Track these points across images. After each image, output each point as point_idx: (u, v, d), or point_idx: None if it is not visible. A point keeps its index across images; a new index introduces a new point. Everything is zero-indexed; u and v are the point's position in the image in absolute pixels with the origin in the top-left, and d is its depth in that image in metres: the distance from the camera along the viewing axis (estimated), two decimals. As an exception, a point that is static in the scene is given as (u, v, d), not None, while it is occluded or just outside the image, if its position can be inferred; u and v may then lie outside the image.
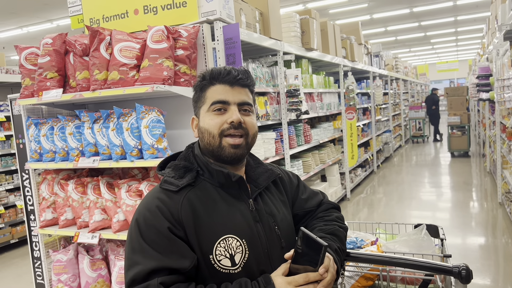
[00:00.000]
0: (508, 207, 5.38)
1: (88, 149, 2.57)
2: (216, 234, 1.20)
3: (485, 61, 7.86)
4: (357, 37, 7.79)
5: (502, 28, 4.05)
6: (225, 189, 1.28)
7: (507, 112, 5.10)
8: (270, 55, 4.10)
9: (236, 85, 1.29)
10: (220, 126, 1.25)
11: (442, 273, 1.31)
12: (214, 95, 1.27)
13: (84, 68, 2.54)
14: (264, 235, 1.27)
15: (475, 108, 12.80)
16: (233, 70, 1.29)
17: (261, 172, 1.38)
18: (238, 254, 1.20)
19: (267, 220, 1.30)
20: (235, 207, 1.26)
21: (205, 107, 1.29)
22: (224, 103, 1.26)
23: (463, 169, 9.07)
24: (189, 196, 1.23)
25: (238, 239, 1.21)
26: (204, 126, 1.28)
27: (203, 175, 1.29)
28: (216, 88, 1.28)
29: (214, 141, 1.26)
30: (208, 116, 1.28)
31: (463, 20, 16.73)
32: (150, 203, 1.21)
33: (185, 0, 2.69)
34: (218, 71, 1.29)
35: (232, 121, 1.24)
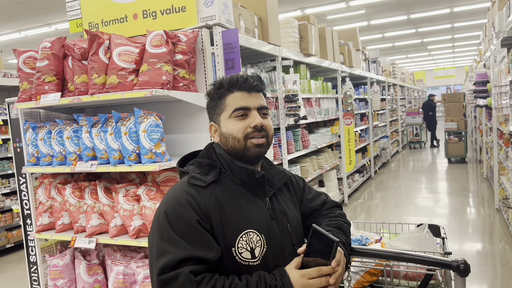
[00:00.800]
0: (505, 213, 5.39)
1: (86, 153, 2.56)
2: (238, 228, 1.28)
3: (482, 67, 7.91)
4: (355, 43, 7.82)
5: (500, 35, 4.07)
6: (245, 187, 1.36)
7: (504, 119, 5.12)
8: (268, 60, 4.11)
9: (253, 91, 1.38)
10: (244, 130, 1.34)
11: (442, 267, 1.40)
12: (235, 102, 1.35)
13: (83, 72, 2.53)
14: (279, 231, 1.36)
15: (472, 114, 12.85)
16: (249, 78, 1.38)
17: (274, 173, 1.48)
18: (257, 248, 1.29)
19: (281, 218, 1.39)
20: (254, 204, 1.35)
21: (226, 113, 1.37)
22: (245, 109, 1.35)
23: (460, 175, 9.09)
24: (215, 191, 1.30)
25: (258, 234, 1.30)
26: (228, 131, 1.36)
27: (225, 173, 1.36)
28: (235, 95, 1.36)
29: (239, 144, 1.34)
30: (231, 122, 1.35)
31: (460, 27, 16.85)
32: (179, 196, 1.27)
33: (184, 5, 2.70)
34: (235, 79, 1.37)
35: (256, 125, 1.33)
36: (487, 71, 7.24)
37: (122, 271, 2.55)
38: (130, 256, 2.68)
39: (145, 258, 2.60)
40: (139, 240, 2.46)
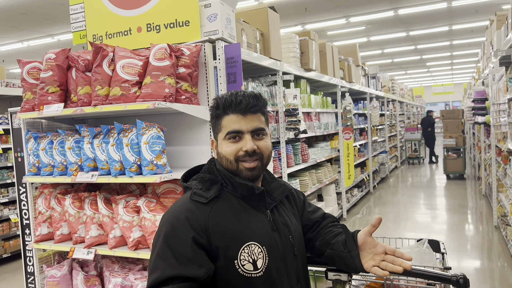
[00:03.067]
0: (504, 230, 5.38)
1: (87, 164, 2.57)
2: (240, 241, 1.30)
3: (480, 85, 7.98)
4: (355, 59, 7.90)
5: (498, 53, 4.13)
6: (246, 201, 1.39)
7: (503, 136, 5.16)
8: (269, 75, 4.15)
9: (248, 113, 1.37)
10: (236, 153, 1.36)
11: (442, 281, 1.41)
12: (228, 124, 1.37)
13: (86, 83, 2.56)
14: (281, 243, 1.39)
15: (470, 131, 12.91)
16: (244, 99, 1.36)
17: (275, 186, 1.50)
18: (259, 260, 1.31)
19: (283, 230, 1.42)
20: (256, 217, 1.38)
21: (221, 134, 1.39)
22: (238, 132, 1.36)
23: (458, 192, 9.09)
24: (216, 206, 1.33)
25: (259, 246, 1.32)
26: (222, 152, 1.39)
27: (226, 187, 1.39)
28: (230, 117, 1.37)
29: (231, 166, 1.38)
30: (224, 144, 1.38)
31: (458, 44, 17.04)
32: (179, 213, 1.30)
33: (188, 20, 2.74)
34: (229, 101, 1.37)
35: (246, 150, 1.35)
36: (485, 89, 7.31)
37: (120, 283, 2.53)
38: (129, 268, 2.67)
39: (143, 270, 2.60)
40: (138, 252, 2.45)
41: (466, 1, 10.64)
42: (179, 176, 2.42)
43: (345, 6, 10.67)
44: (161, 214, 2.42)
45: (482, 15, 11.92)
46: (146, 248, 2.48)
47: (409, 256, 1.35)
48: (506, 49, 3.97)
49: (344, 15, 11.59)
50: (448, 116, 11.39)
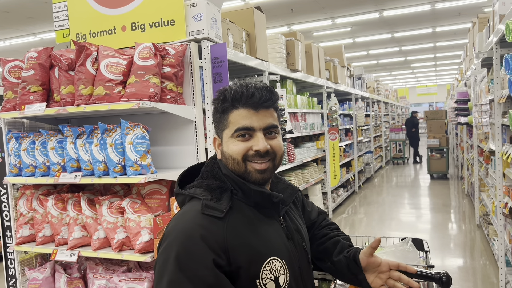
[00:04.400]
0: (486, 229, 5.47)
1: (70, 164, 2.53)
2: (261, 257, 1.14)
3: (463, 86, 8.11)
4: (340, 60, 7.95)
5: (480, 55, 4.20)
6: (258, 209, 1.22)
7: (484, 136, 5.25)
8: (256, 75, 4.15)
9: (260, 108, 1.19)
10: (245, 153, 1.19)
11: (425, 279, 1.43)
12: (238, 120, 1.18)
13: (69, 82, 2.52)
14: (296, 252, 1.26)
15: (453, 132, 13.12)
16: (256, 92, 1.18)
17: (283, 188, 1.35)
18: (281, 276, 1.16)
19: (296, 237, 1.29)
20: (271, 227, 1.22)
21: (228, 131, 1.21)
22: (249, 129, 1.18)
23: (442, 191, 9.23)
24: (231, 220, 1.14)
25: (280, 260, 1.17)
26: (228, 152, 1.21)
27: (236, 195, 1.21)
28: (239, 112, 1.19)
29: (239, 167, 1.20)
30: (232, 142, 1.20)
31: (442, 46, 17.32)
32: (191, 230, 1.08)
33: (173, 19, 2.72)
34: (240, 93, 1.18)
35: (258, 150, 1.18)
36: (468, 90, 7.43)
37: (104, 285, 2.50)
38: (113, 270, 2.63)
39: (128, 272, 2.57)
40: (123, 253, 2.42)
41: (449, 4, 10.82)
42: (164, 177, 2.42)
43: (330, 7, 10.75)
44: (146, 215, 2.40)
45: (465, 18, 12.14)
46: (131, 250, 2.45)
47: (413, 269, 1.31)
48: (487, 51, 4.04)
49: (329, 16, 11.67)
50: (432, 116, 11.56)
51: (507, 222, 3.66)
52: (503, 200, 3.71)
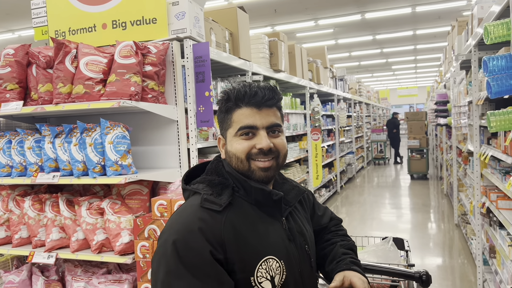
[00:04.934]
0: (464, 228, 5.58)
1: (48, 164, 2.47)
2: (257, 255, 1.16)
3: (442, 88, 8.26)
4: (323, 61, 8.01)
5: (459, 58, 4.28)
6: (260, 207, 1.23)
7: (463, 137, 5.36)
8: (239, 75, 4.13)
9: (263, 107, 1.22)
10: (248, 151, 1.21)
11: (406, 278, 1.47)
12: (241, 119, 1.21)
13: (48, 80, 2.46)
14: (297, 254, 1.26)
15: (433, 133, 13.36)
16: (259, 91, 1.21)
17: (288, 189, 1.35)
18: (277, 276, 1.17)
19: (299, 239, 1.29)
20: (271, 226, 1.23)
21: (232, 130, 1.23)
22: (252, 127, 1.21)
23: (422, 191, 9.38)
24: (230, 215, 1.17)
25: (277, 260, 1.19)
26: (232, 150, 1.23)
27: (238, 192, 1.23)
28: (242, 111, 1.21)
29: (243, 166, 1.22)
30: (235, 141, 1.22)
31: (422, 48, 17.62)
32: (190, 223, 1.12)
33: (155, 17, 2.69)
34: (243, 92, 1.21)
35: (261, 148, 1.20)
36: (447, 92, 7.58)
37: (83, 287, 2.45)
38: (92, 272, 2.58)
39: (107, 274, 2.52)
40: (102, 255, 2.38)
41: (429, 7, 11.01)
42: (145, 177, 2.38)
43: (314, 8, 10.81)
44: (126, 216, 2.36)
45: (444, 21, 12.37)
46: (110, 251, 2.41)
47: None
48: (466, 53, 4.12)
49: (313, 18, 11.74)
50: (412, 118, 11.74)
51: (484, 221, 3.74)
52: (481, 200, 3.78)
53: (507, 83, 2.07)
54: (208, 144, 3.00)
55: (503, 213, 2.85)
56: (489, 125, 2.32)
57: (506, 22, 2.07)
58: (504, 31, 2.05)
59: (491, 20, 2.77)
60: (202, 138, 2.97)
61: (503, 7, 2.51)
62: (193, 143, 2.70)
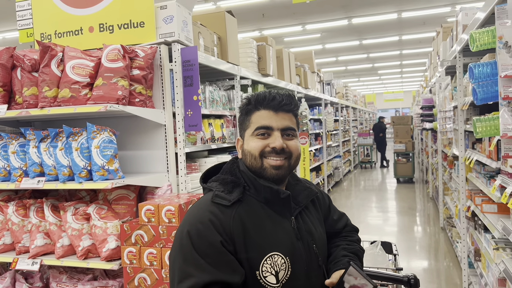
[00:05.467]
0: (449, 231, 5.65)
1: (32, 169, 2.43)
2: (263, 250, 1.23)
3: (428, 93, 8.38)
4: (311, 65, 8.05)
5: (444, 63, 4.35)
6: (269, 206, 1.30)
7: (448, 142, 5.43)
8: (227, 79, 4.12)
9: (280, 111, 1.31)
10: (262, 149, 1.29)
11: (394, 282, 1.49)
12: (258, 120, 1.31)
13: (33, 84, 2.42)
14: (304, 253, 1.31)
15: (418, 137, 13.52)
16: (277, 96, 1.32)
17: (300, 189, 1.42)
18: (281, 271, 1.24)
19: (307, 238, 1.34)
20: (279, 224, 1.30)
21: (249, 130, 1.33)
22: (267, 128, 1.30)
23: (408, 195, 9.48)
24: (239, 211, 1.25)
25: (283, 257, 1.25)
26: (248, 148, 1.32)
27: (249, 191, 1.31)
28: (261, 113, 1.32)
29: (256, 162, 1.30)
30: (252, 140, 1.32)
31: (408, 54, 17.86)
32: (202, 216, 1.22)
33: (143, 21, 2.67)
34: (263, 97, 1.32)
35: (274, 147, 1.28)
36: (432, 97, 7.68)
37: (68, 295, 2.41)
38: (77, 278, 2.54)
39: (93, 280, 2.48)
40: (88, 261, 2.34)
41: (414, 13, 11.18)
42: (132, 182, 2.36)
43: (301, 13, 10.88)
44: (112, 221, 2.33)
45: (429, 27, 12.56)
46: (96, 257, 2.37)
47: None
48: (451, 59, 4.18)
49: (300, 22, 11.81)
50: (398, 122, 11.88)
51: (469, 225, 3.79)
52: (466, 203, 3.84)
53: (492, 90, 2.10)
54: (196, 149, 2.98)
55: (487, 217, 2.89)
56: (475, 131, 2.36)
57: (491, 30, 2.11)
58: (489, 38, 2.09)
59: (476, 27, 2.81)
60: (190, 142, 2.95)
61: (487, 14, 2.56)
62: (181, 148, 2.68)
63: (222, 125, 3.61)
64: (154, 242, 2.14)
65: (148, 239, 2.15)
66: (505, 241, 2.72)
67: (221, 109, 3.66)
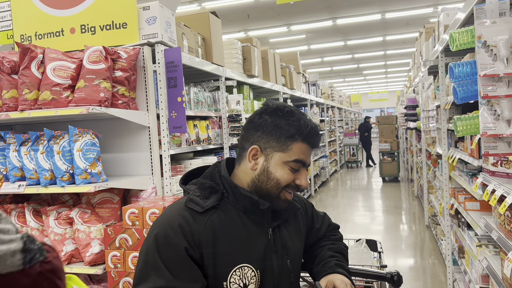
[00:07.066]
0: (434, 229, 5.72)
1: (13, 173, 2.38)
2: (233, 261, 1.20)
3: (411, 92, 8.48)
4: (296, 66, 8.08)
5: (427, 63, 4.40)
6: (247, 215, 1.27)
7: (432, 141, 5.50)
8: (212, 80, 4.11)
9: (314, 149, 1.31)
10: (290, 182, 1.26)
11: (378, 279, 1.51)
12: (299, 153, 1.26)
13: (12, 86, 2.38)
14: (277, 266, 1.28)
15: (403, 136, 13.68)
16: (318, 136, 1.30)
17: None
18: (251, 285, 1.21)
19: (281, 252, 1.31)
20: (255, 235, 1.26)
21: (285, 156, 1.25)
22: (304, 164, 1.28)
23: (393, 194, 9.57)
24: (212, 218, 1.21)
25: (253, 270, 1.22)
26: (276, 174, 1.25)
27: (227, 198, 1.27)
28: (304, 146, 1.27)
29: (276, 191, 1.26)
30: (283, 168, 1.25)
31: (392, 54, 18.07)
32: (173, 220, 1.19)
33: (125, 22, 2.64)
34: (312, 133, 1.27)
35: (301, 185, 1.27)
36: (416, 96, 7.78)
37: (51, 301, 2.36)
38: (61, 284, 2.49)
39: (77, 286, 2.44)
40: (71, 266, 2.30)
41: (398, 14, 11.31)
42: (116, 185, 2.33)
43: (286, 14, 10.91)
44: (96, 225, 2.30)
45: (413, 27, 12.73)
46: (80, 262, 2.34)
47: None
48: (433, 59, 4.24)
49: (285, 23, 11.85)
50: (383, 121, 11.98)
51: (453, 222, 3.84)
52: (450, 201, 3.89)
53: (472, 89, 2.13)
54: (181, 150, 2.96)
55: (470, 214, 2.93)
56: (456, 130, 2.39)
57: (470, 30, 2.14)
58: (468, 38, 2.12)
59: (457, 27, 2.86)
60: (175, 144, 2.93)
61: (467, 15, 2.60)
62: (165, 150, 2.66)
63: (208, 127, 3.60)
64: (139, 246, 2.11)
65: (133, 243, 2.13)
66: (487, 238, 2.77)
67: (206, 110, 3.64)
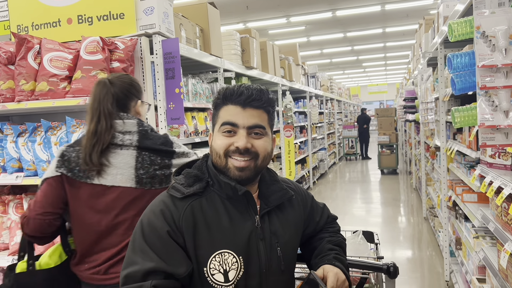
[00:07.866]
0: (432, 221, 5.75)
1: (10, 164, 2.38)
2: (212, 247, 1.20)
3: (411, 85, 8.46)
4: (295, 58, 8.05)
5: (426, 55, 4.39)
6: (232, 203, 1.25)
7: (431, 133, 5.50)
8: (210, 72, 4.09)
9: (248, 107, 1.23)
10: (227, 147, 1.23)
11: (374, 270, 1.52)
12: (225, 116, 1.24)
13: (9, 77, 2.37)
14: (265, 254, 1.26)
15: (402, 128, 13.68)
16: (245, 90, 1.23)
17: (274, 190, 1.34)
18: (232, 271, 1.20)
19: (270, 239, 1.28)
20: (239, 222, 1.24)
21: (217, 126, 1.26)
22: (233, 125, 1.23)
23: (392, 186, 9.60)
24: (193, 204, 1.22)
25: (235, 256, 1.21)
26: (213, 145, 1.26)
27: (213, 186, 1.27)
28: (228, 108, 1.24)
29: (220, 161, 1.24)
30: (217, 136, 1.25)
31: (391, 46, 18.00)
32: (155, 206, 1.23)
33: (122, 12, 2.62)
34: (231, 91, 1.24)
35: (238, 146, 1.21)
36: (415, 88, 7.76)
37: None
38: (59, 275, 2.50)
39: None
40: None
41: (398, 5, 11.25)
42: (113, 176, 2.32)
43: (285, 5, 10.85)
44: (94, 216, 2.30)
45: (412, 19, 12.67)
46: (79, 253, 2.34)
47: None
48: (433, 51, 4.22)
49: (284, 15, 11.78)
50: (382, 114, 11.98)
51: (451, 214, 3.85)
52: (447, 193, 3.90)
53: (470, 80, 2.13)
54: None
55: (468, 206, 2.94)
56: (453, 121, 2.39)
57: (469, 20, 2.13)
58: (467, 28, 2.11)
59: (456, 18, 2.84)
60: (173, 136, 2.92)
61: (466, 6, 2.58)
62: (163, 141, 2.65)
63: (206, 118, 3.59)
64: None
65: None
66: (484, 230, 2.78)
67: (205, 102, 3.63)
